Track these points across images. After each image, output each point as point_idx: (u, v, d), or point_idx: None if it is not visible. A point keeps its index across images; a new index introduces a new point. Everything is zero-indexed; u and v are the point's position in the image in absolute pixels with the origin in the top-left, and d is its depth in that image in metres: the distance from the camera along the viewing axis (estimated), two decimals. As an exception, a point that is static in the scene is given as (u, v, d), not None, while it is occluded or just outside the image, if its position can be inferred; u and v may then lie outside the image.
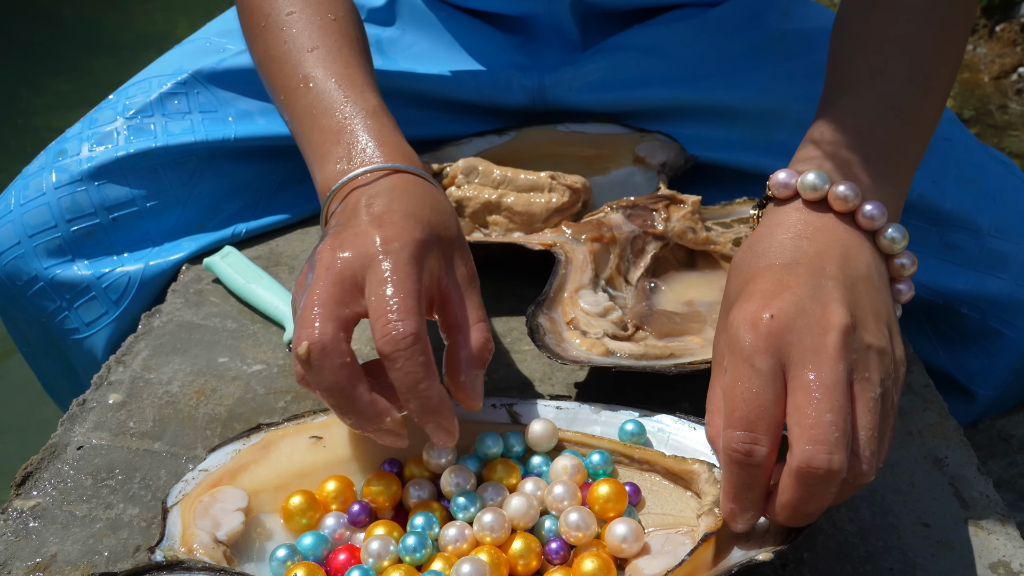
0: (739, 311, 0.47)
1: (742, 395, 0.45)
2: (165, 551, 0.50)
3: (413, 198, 0.56)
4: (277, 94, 0.66)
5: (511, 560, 0.50)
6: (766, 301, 0.47)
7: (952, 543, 0.55)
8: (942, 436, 0.63)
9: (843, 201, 0.51)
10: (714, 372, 0.50)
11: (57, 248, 0.82)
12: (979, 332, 0.79)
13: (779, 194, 0.52)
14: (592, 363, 0.61)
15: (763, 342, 0.46)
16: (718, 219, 0.78)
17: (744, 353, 0.46)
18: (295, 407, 0.67)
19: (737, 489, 0.46)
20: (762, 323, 0.46)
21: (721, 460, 0.47)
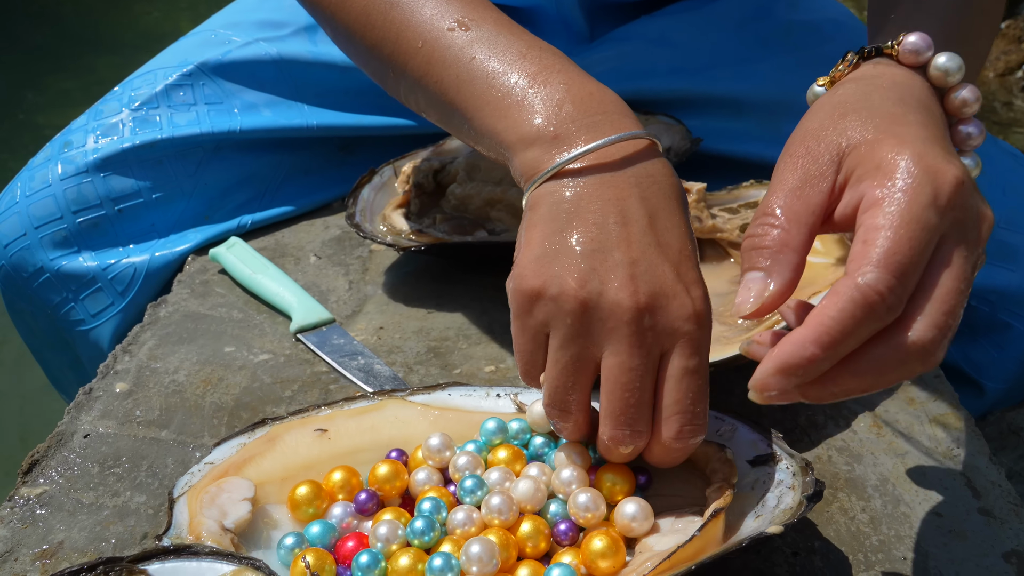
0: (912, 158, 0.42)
1: (908, 243, 0.40)
2: (172, 539, 0.50)
3: (680, 221, 0.49)
4: (410, 42, 0.56)
5: (520, 542, 0.50)
6: (938, 164, 0.42)
7: (964, 532, 0.55)
8: (953, 426, 0.63)
9: (943, 75, 0.49)
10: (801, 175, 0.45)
11: (63, 239, 0.82)
12: (988, 325, 0.79)
13: (906, 60, 0.50)
14: None
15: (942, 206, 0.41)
16: (725, 204, 0.78)
17: (920, 204, 0.41)
18: (302, 397, 0.67)
19: (841, 333, 0.40)
20: (943, 186, 0.41)
21: (842, 295, 0.40)
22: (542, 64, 0.52)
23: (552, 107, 0.50)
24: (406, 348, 0.71)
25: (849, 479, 0.58)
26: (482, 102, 0.53)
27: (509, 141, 0.52)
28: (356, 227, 0.77)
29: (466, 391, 0.60)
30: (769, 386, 0.42)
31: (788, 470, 0.51)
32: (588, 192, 0.48)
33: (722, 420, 0.55)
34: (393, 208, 0.79)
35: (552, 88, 0.51)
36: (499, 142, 0.53)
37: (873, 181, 0.42)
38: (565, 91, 0.51)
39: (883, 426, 0.63)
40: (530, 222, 0.50)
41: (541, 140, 0.50)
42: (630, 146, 0.50)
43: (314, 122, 0.87)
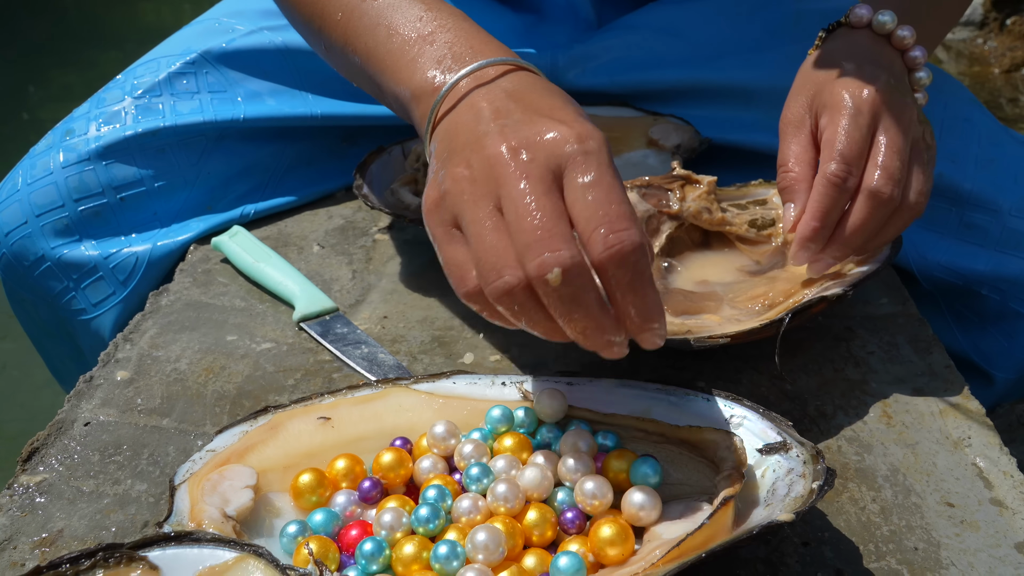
0: (844, 83, 0.63)
1: (846, 136, 0.61)
2: (174, 526, 0.49)
3: (562, 96, 0.51)
4: (331, 14, 0.60)
5: (526, 530, 0.49)
6: (862, 83, 0.63)
7: (977, 523, 0.54)
8: (964, 417, 0.62)
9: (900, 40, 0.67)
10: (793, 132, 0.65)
11: (64, 228, 0.81)
12: (999, 314, 0.78)
13: (855, 23, 0.68)
14: None
15: (866, 106, 0.62)
16: (733, 200, 0.77)
17: (849, 110, 0.62)
18: (305, 385, 0.66)
19: (826, 208, 0.61)
20: (864, 94, 0.62)
21: (817, 186, 0.61)
22: (436, 24, 0.56)
23: (434, 62, 0.54)
24: (410, 337, 0.71)
25: (859, 469, 0.58)
26: (384, 66, 0.56)
27: (405, 98, 0.55)
28: (364, 198, 0.77)
29: (471, 379, 0.59)
30: (799, 258, 0.63)
31: (798, 458, 0.50)
32: (462, 113, 0.51)
33: (731, 408, 0.55)
34: (401, 184, 0.79)
35: (437, 46, 0.54)
36: (400, 102, 0.56)
37: (824, 113, 0.64)
38: (448, 47, 0.54)
39: (893, 416, 0.62)
40: (431, 160, 0.52)
41: (427, 92, 0.53)
42: (492, 71, 0.52)
43: (318, 111, 0.86)
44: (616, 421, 0.56)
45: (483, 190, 0.47)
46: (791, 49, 0.86)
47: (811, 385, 0.65)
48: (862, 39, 0.67)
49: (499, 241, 0.45)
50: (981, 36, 3.00)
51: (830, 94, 0.64)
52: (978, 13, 3.03)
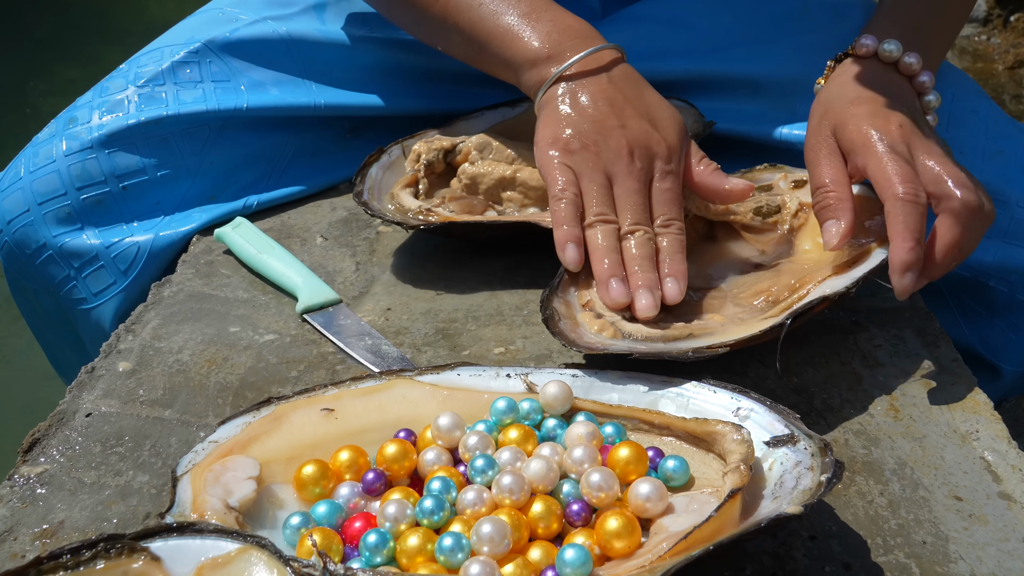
0: (868, 120, 0.65)
1: (894, 164, 0.62)
2: (176, 516, 0.49)
3: (651, 91, 0.71)
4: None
5: (531, 523, 0.49)
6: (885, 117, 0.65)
7: (985, 516, 0.53)
8: (972, 410, 0.62)
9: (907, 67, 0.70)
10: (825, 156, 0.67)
11: (66, 216, 0.81)
12: (1007, 305, 0.78)
13: (862, 53, 0.71)
14: (608, 350, 0.59)
15: (898, 138, 0.63)
16: None
17: (885, 144, 0.63)
18: (308, 377, 0.65)
19: (913, 226, 0.60)
20: (893, 129, 0.64)
21: (894, 211, 0.61)
22: (531, 5, 0.72)
23: (544, 36, 0.71)
24: (414, 329, 0.70)
25: (866, 463, 0.57)
26: (491, 37, 0.72)
27: (517, 63, 0.71)
28: (364, 205, 0.75)
29: (476, 371, 0.59)
30: (903, 289, 0.60)
31: (806, 451, 0.50)
32: (579, 89, 0.69)
33: (738, 401, 0.54)
34: (402, 187, 0.78)
35: (543, 23, 0.71)
36: (509, 66, 0.72)
37: (857, 153, 0.65)
38: (552, 24, 0.71)
39: (900, 409, 0.62)
40: (542, 117, 0.69)
41: (539, 60, 0.70)
42: (603, 56, 0.70)
43: (321, 101, 0.86)
44: (622, 413, 0.56)
45: (603, 164, 0.67)
46: (798, 40, 0.86)
47: (818, 378, 0.64)
48: (871, 68, 0.69)
49: (607, 198, 0.66)
50: (985, 32, 2.99)
51: (856, 131, 0.64)
52: (982, 10, 3.02)
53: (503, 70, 0.73)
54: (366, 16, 0.88)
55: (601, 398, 0.57)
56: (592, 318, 0.63)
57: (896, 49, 0.69)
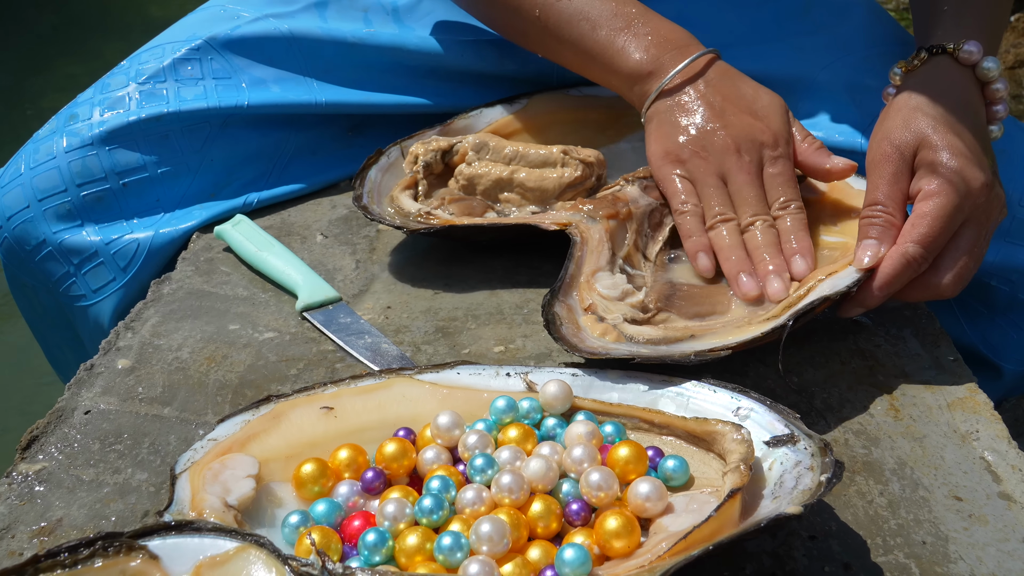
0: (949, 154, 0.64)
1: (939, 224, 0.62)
2: (174, 515, 0.49)
3: (749, 84, 0.73)
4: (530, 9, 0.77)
5: (531, 522, 0.49)
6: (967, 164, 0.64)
7: (985, 516, 0.53)
8: (972, 410, 0.62)
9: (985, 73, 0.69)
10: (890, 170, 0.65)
11: (67, 212, 0.81)
12: (1008, 305, 0.78)
13: (963, 61, 0.69)
14: (610, 355, 0.59)
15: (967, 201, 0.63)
16: None
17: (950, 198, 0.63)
18: (307, 375, 0.65)
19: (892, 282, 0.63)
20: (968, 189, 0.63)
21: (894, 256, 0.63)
22: (627, 19, 0.74)
23: (643, 51, 0.73)
24: (414, 328, 0.70)
25: (866, 462, 0.57)
26: (593, 53, 0.75)
27: (619, 80, 0.75)
28: (363, 209, 0.75)
29: (475, 370, 0.59)
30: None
31: (806, 451, 0.49)
32: (680, 99, 0.72)
33: (738, 400, 0.54)
34: (401, 189, 0.78)
35: (641, 37, 0.74)
36: (612, 81, 0.76)
37: (930, 179, 0.64)
38: (650, 38, 0.74)
39: (900, 409, 0.61)
40: (650, 130, 0.73)
41: (642, 76, 0.73)
42: (699, 63, 0.73)
43: (322, 98, 0.86)
44: (622, 412, 0.55)
45: (713, 167, 0.70)
46: (801, 40, 0.86)
47: (818, 378, 0.64)
48: (954, 75, 0.69)
49: (724, 196, 0.69)
50: (988, 31, 2.98)
51: (940, 167, 0.63)
52: (985, 8, 3.01)
53: (612, 83, 0.76)
54: (367, 14, 0.88)
55: (601, 397, 0.57)
56: (594, 322, 0.62)
57: (996, 69, 0.69)
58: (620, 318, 0.63)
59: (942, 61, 0.69)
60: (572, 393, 0.56)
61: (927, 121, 0.66)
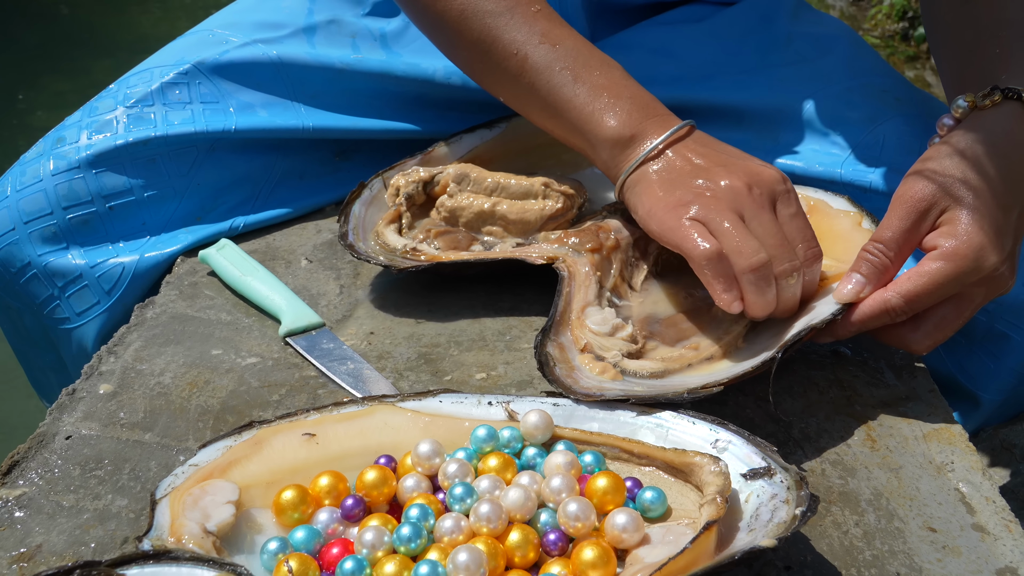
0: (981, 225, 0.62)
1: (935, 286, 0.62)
2: (153, 540, 0.49)
3: (732, 148, 0.70)
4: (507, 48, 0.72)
5: (508, 552, 0.49)
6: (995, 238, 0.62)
7: (959, 548, 0.54)
8: (947, 441, 0.62)
9: None
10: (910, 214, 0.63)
11: (52, 235, 0.81)
12: (985, 335, 0.78)
13: None
14: (605, 396, 0.59)
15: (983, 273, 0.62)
16: None
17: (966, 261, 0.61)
18: (289, 401, 0.66)
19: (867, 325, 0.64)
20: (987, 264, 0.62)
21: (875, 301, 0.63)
22: (610, 79, 0.71)
23: (624, 116, 0.69)
24: (396, 354, 0.71)
25: (843, 493, 0.58)
26: (570, 106, 0.71)
27: (594, 140, 0.70)
28: (350, 248, 0.75)
29: (457, 398, 0.59)
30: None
31: (782, 484, 0.50)
32: (668, 158, 0.68)
33: (717, 433, 0.54)
34: (386, 224, 0.78)
35: (623, 101, 0.70)
36: (585, 139, 0.71)
37: (946, 242, 0.62)
38: (631, 104, 0.70)
39: (877, 440, 0.62)
40: (638, 192, 0.68)
41: (621, 141, 0.69)
42: (683, 131, 0.69)
43: (310, 124, 0.86)
44: (602, 441, 0.56)
45: (725, 204, 0.64)
46: (782, 72, 0.87)
47: (796, 407, 0.65)
48: (1013, 127, 0.64)
49: (748, 236, 0.63)
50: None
51: (959, 234, 0.61)
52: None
53: (576, 140, 0.72)
54: (355, 40, 0.89)
55: (582, 426, 0.58)
56: (592, 360, 0.62)
57: None
58: (619, 355, 0.63)
59: (1015, 108, 0.65)
60: (553, 423, 0.57)
61: (972, 178, 0.62)
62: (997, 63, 0.68)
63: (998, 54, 0.69)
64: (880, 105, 0.84)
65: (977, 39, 0.72)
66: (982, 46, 0.71)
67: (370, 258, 0.74)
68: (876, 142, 0.82)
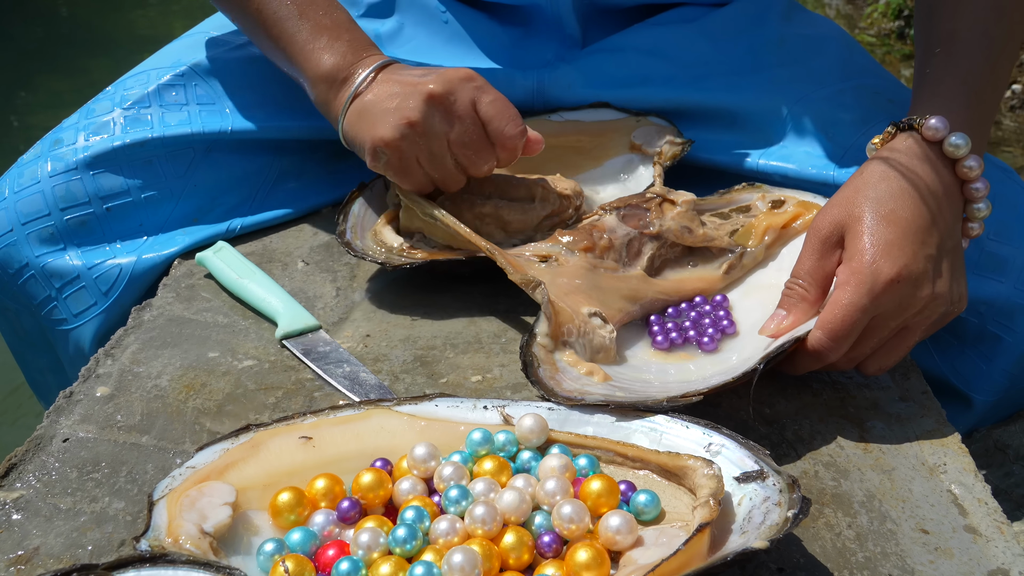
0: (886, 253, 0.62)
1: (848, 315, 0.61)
2: (151, 541, 0.49)
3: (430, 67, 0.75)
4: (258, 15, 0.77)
5: (503, 553, 0.49)
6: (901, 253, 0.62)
7: (951, 550, 0.54)
8: (939, 443, 0.63)
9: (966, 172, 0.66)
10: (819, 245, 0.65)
11: (50, 236, 0.81)
12: (977, 336, 0.79)
13: (928, 137, 0.66)
14: (585, 400, 0.59)
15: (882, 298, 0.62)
16: (717, 209, 0.78)
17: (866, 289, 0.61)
18: (286, 403, 0.66)
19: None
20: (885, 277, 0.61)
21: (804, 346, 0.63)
22: (333, 20, 0.76)
23: (338, 57, 0.75)
24: (392, 356, 0.71)
25: (835, 495, 0.58)
26: (292, 41, 0.76)
27: (308, 76, 0.76)
28: (347, 245, 0.76)
29: (453, 402, 0.60)
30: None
31: (775, 487, 0.50)
32: (373, 95, 0.73)
33: (710, 436, 0.55)
34: (384, 223, 0.79)
35: (340, 43, 0.75)
36: (300, 73, 0.77)
37: (844, 267, 0.63)
38: (348, 46, 0.75)
39: (870, 442, 0.63)
40: (351, 124, 0.74)
41: (335, 80, 0.75)
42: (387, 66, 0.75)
43: (305, 124, 0.87)
44: (596, 445, 0.56)
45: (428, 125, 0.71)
46: (775, 73, 0.87)
47: (789, 409, 0.65)
48: (918, 153, 0.65)
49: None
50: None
51: (856, 255, 0.62)
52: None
53: (292, 73, 0.78)
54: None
55: (577, 430, 0.58)
56: (577, 360, 0.63)
57: (964, 145, 0.65)
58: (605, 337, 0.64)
59: (909, 138, 0.66)
60: (547, 427, 0.57)
61: (865, 203, 0.63)
62: (922, 86, 0.69)
63: (924, 84, 0.69)
64: (872, 107, 0.85)
65: (923, 55, 0.72)
66: (921, 64, 0.71)
67: (365, 255, 0.75)
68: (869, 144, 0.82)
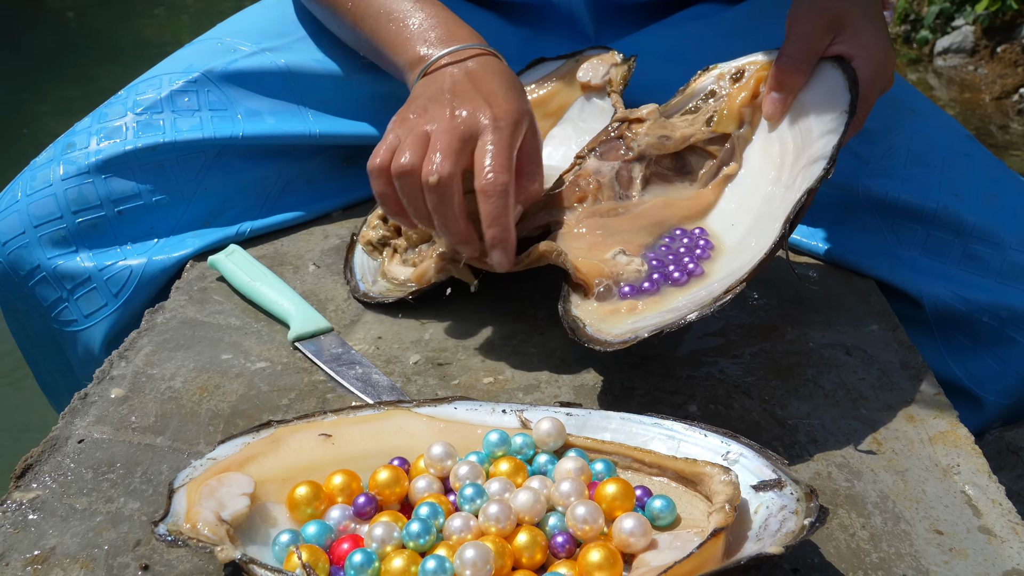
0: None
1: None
2: (169, 526, 0.50)
3: (507, 80, 0.72)
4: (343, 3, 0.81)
5: (516, 552, 0.49)
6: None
7: (965, 550, 0.54)
8: (953, 444, 0.63)
9: None
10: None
11: (61, 239, 0.81)
12: (994, 339, 0.79)
13: None
14: (640, 337, 0.60)
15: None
16: (683, 108, 0.77)
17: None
18: (299, 405, 0.66)
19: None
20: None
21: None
22: (426, 13, 0.78)
23: (422, 42, 0.76)
24: (404, 358, 0.71)
25: (849, 496, 0.58)
26: (388, 41, 0.78)
27: (403, 66, 0.77)
28: (364, 296, 0.77)
29: (472, 405, 0.60)
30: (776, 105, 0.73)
31: (792, 496, 0.50)
32: (435, 78, 0.73)
33: (728, 445, 0.55)
34: (389, 260, 0.80)
35: (429, 31, 0.77)
36: (399, 69, 0.78)
37: (851, 44, 0.71)
38: (436, 36, 0.76)
39: (883, 443, 0.63)
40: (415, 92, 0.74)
41: (416, 63, 0.76)
42: (465, 53, 0.74)
43: (317, 130, 0.87)
44: (613, 450, 0.56)
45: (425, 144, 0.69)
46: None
47: (802, 410, 0.65)
48: None
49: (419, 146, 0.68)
50: (972, 63, 3.03)
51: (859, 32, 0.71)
52: (969, 40, 3.06)
53: (395, 72, 0.80)
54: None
55: (594, 436, 0.58)
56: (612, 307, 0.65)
57: None
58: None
59: None
60: (565, 430, 0.57)
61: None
62: None
63: None
64: (895, 115, 0.85)
65: None
66: None
67: (386, 299, 0.76)
68: (890, 152, 0.83)
